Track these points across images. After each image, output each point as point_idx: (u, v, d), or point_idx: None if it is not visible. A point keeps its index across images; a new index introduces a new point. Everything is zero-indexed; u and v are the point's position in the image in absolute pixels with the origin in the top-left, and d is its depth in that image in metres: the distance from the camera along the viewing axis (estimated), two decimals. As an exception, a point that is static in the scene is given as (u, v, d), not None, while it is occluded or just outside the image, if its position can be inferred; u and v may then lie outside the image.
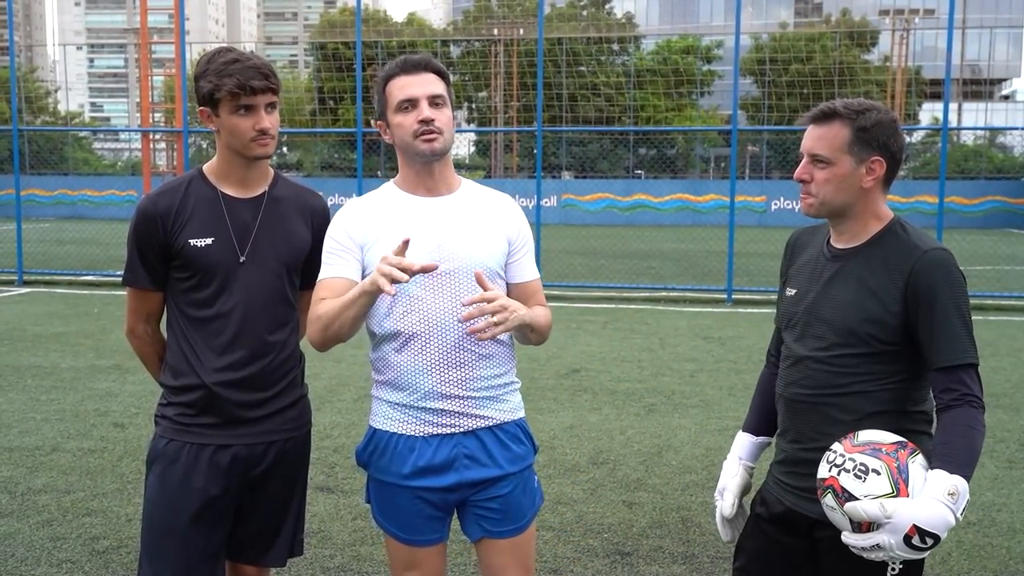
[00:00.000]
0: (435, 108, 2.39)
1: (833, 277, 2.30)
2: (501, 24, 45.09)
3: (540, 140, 13.93)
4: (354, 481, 5.07)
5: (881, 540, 1.96)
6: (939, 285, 2.17)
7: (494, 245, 2.46)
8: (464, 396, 2.41)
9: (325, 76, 44.90)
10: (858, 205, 2.27)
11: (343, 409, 6.66)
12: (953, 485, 1.98)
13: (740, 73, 15.28)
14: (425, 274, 2.26)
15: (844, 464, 2.07)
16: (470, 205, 2.48)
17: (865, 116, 2.22)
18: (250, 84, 2.41)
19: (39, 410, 6.53)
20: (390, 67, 2.45)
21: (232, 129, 2.46)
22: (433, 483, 2.42)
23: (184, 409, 2.55)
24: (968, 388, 2.13)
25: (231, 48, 2.52)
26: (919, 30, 45.88)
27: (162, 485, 2.54)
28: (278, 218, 2.60)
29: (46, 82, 59.64)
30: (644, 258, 19.23)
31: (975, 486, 5.05)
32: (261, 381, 2.56)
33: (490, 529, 2.49)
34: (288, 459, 2.66)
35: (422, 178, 2.45)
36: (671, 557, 4.15)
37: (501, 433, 2.47)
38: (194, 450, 2.53)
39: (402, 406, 2.43)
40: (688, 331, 10.38)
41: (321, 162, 44.30)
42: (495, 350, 2.46)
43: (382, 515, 2.50)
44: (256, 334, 2.54)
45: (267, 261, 2.56)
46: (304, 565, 3.98)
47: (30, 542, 4.19)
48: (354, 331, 2.36)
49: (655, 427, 6.28)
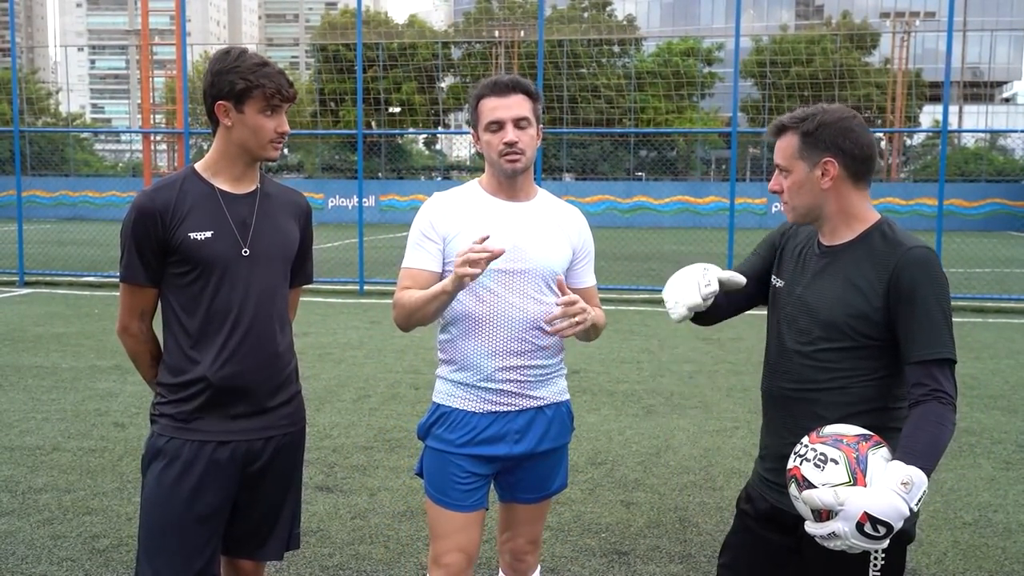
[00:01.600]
0: (520, 130, 2.65)
1: (821, 272, 2.36)
2: (502, 26, 45.13)
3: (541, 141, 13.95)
4: (353, 481, 5.09)
5: (836, 528, 2.01)
6: (920, 281, 2.20)
7: (561, 251, 2.76)
8: (521, 380, 2.71)
9: (326, 78, 44.94)
10: (828, 206, 2.33)
11: (342, 409, 6.68)
12: (908, 475, 2.01)
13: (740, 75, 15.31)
14: (499, 270, 2.60)
15: (806, 454, 2.13)
16: (544, 213, 2.77)
17: (808, 121, 2.30)
18: (286, 91, 2.53)
19: (40, 410, 6.56)
20: (482, 87, 2.70)
21: (256, 128, 2.52)
22: (483, 452, 2.70)
23: (184, 406, 2.56)
24: (940, 384, 2.17)
25: (250, 50, 2.60)
26: (920, 32, 45.89)
27: (161, 482, 2.55)
28: (272, 214, 2.64)
29: (47, 83, 59.71)
30: (644, 260, 19.25)
31: (971, 486, 5.10)
32: (262, 376, 2.59)
33: (520, 496, 2.83)
34: (285, 455, 2.69)
35: (505, 187, 2.73)
36: (668, 557, 4.17)
37: (549, 411, 2.78)
38: (194, 447, 2.55)
39: (464, 385, 2.71)
40: (687, 333, 10.39)
41: (322, 163, 44.30)
42: (551, 342, 2.75)
43: (431, 484, 2.74)
44: (258, 328, 2.57)
45: (268, 255, 2.60)
46: (303, 563, 4.00)
47: (31, 540, 4.21)
48: (434, 320, 2.65)
49: (654, 428, 6.30)
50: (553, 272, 2.71)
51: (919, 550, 4.24)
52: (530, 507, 2.85)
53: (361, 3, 14.44)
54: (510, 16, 46.74)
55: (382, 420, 6.40)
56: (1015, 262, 19.87)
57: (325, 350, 8.84)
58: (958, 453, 5.73)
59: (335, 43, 44.72)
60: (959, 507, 4.81)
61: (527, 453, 2.74)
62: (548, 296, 2.71)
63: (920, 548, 4.27)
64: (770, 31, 50.75)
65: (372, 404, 6.83)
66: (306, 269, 2.82)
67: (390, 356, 8.58)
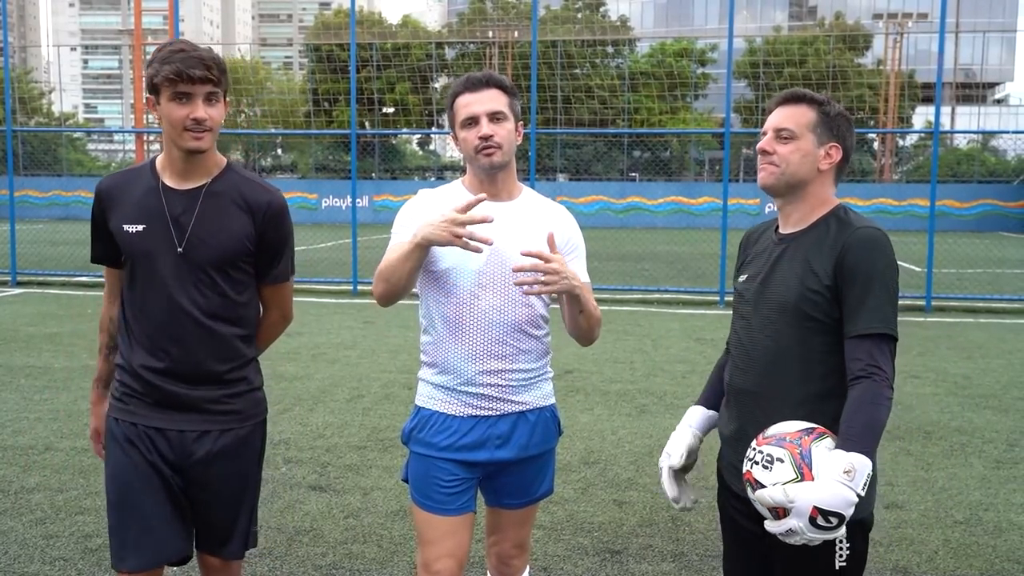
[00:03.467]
0: (495, 123, 2.61)
1: (780, 258, 2.41)
2: (496, 26, 45.14)
3: (534, 142, 13.99)
4: (346, 480, 5.10)
5: (792, 524, 2.07)
6: (865, 258, 2.26)
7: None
8: (503, 384, 2.66)
9: (320, 78, 44.90)
10: (811, 186, 2.40)
11: (336, 410, 6.68)
12: (849, 463, 2.06)
13: (734, 76, 15.34)
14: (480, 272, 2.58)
15: (755, 457, 2.19)
16: (526, 214, 2.70)
17: (830, 105, 2.41)
18: (188, 72, 2.40)
19: (32, 410, 6.55)
20: (456, 85, 2.67)
21: (168, 116, 2.46)
22: (465, 457, 2.66)
23: (124, 389, 2.63)
24: (874, 360, 2.19)
25: (183, 40, 2.54)
26: (912, 34, 46.01)
27: (111, 460, 2.64)
28: (216, 212, 2.55)
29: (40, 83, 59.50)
30: (637, 260, 19.28)
31: (962, 485, 5.12)
32: (190, 372, 2.57)
33: (505, 501, 2.80)
34: (230, 452, 2.66)
35: (486, 185, 2.67)
36: (660, 555, 4.18)
37: (532, 416, 2.73)
38: (132, 428, 2.60)
39: (445, 388, 2.67)
40: (680, 333, 10.42)
41: (315, 164, 44.26)
42: (533, 346, 2.70)
43: (416, 490, 2.71)
44: (189, 326, 2.55)
45: (203, 254, 2.54)
46: (296, 563, 4.01)
47: (23, 540, 4.20)
48: (411, 283, 2.58)
49: (647, 427, 6.32)
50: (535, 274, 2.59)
51: (910, 548, 4.27)
52: (516, 512, 2.82)
53: (355, 3, 14.43)
54: (504, 17, 46.79)
55: (375, 420, 6.40)
56: (1007, 262, 19.94)
57: (319, 350, 8.85)
58: (949, 452, 5.76)
59: (329, 43, 44.69)
60: (950, 506, 4.84)
61: (510, 459, 2.69)
62: (532, 299, 2.65)
63: (912, 547, 4.29)
64: (763, 32, 50.89)
65: (366, 404, 6.83)
66: (276, 269, 2.69)
67: (384, 356, 8.58)
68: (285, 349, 8.88)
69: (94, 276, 15.04)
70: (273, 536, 4.30)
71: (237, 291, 2.62)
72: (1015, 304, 13.15)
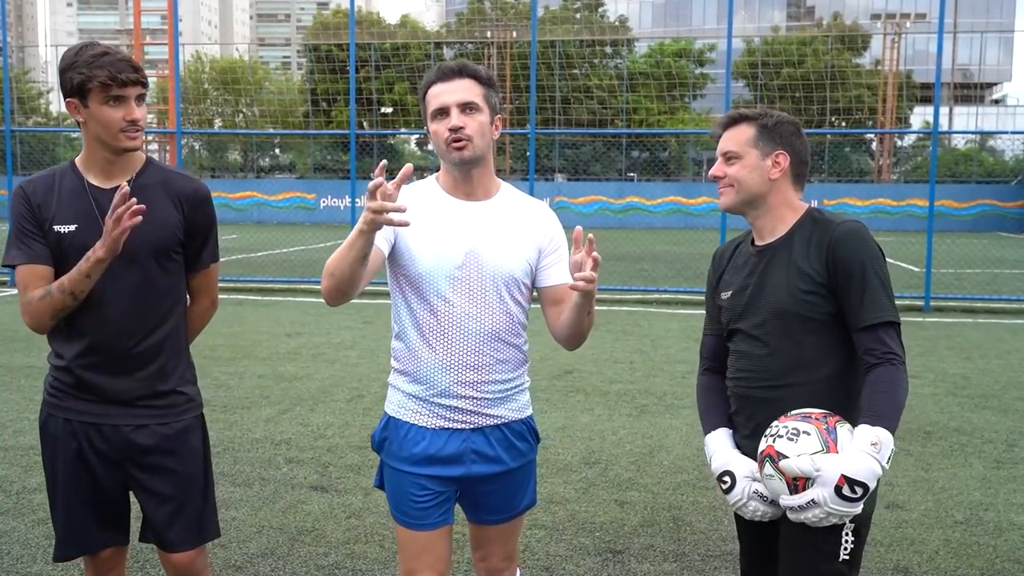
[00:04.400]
0: (466, 115, 2.44)
1: (765, 269, 2.46)
2: (494, 26, 45.15)
3: (533, 142, 13.99)
4: (347, 480, 5.10)
5: (815, 495, 2.11)
6: (854, 251, 2.32)
7: (522, 254, 2.54)
8: (477, 397, 2.51)
9: (318, 78, 44.90)
10: (770, 197, 2.46)
11: (336, 410, 6.69)
12: (876, 436, 2.13)
13: (732, 76, 15.35)
14: (453, 277, 2.45)
15: (778, 432, 2.23)
16: (504, 213, 2.54)
17: (767, 116, 2.47)
18: (121, 76, 2.46)
19: (33, 410, 6.54)
20: (428, 75, 2.51)
21: (102, 120, 2.50)
22: (440, 472, 2.53)
23: (57, 383, 2.65)
24: (888, 347, 2.27)
25: (97, 43, 2.57)
26: (910, 34, 46.07)
27: (45, 457, 2.70)
28: (144, 205, 2.56)
29: (38, 83, 59.45)
30: (636, 260, 19.31)
31: (962, 485, 5.13)
32: (125, 367, 2.60)
33: (484, 517, 2.66)
34: (167, 445, 2.67)
35: (460, 183, 2.52)
36: (662, 555, 4.19)
37: (508, 431, 2.58)
38: (64, 424, 2.64)
39: (417, 398, 2.53)
40: (680, 333, 10.43)
41: (314, 164, 44.26)
42: (511, 355, 2.56)
43: (391, 503, 2.60)
44: (123, 322, 2.58)
45: (134, 250, 2.56)
46: (298, 563, 4.02)
47: (26, 540, 4.21)
48: (356, 277, 2.33)
49: (647, 427, 6.33)
50: (513, 278, 2.51)
51: (911, 548, 4.28)
52: (499, 527, 2.67)
53: (354, 3, 14.43)
54: (502, 17, 46.78)
55: (376, 420, 6.36)
56: (1005, 263, 19.96)
57: (318, 350, 8.85)
58: (949, 452, 5.77)
59: (327, 43, 44.68)
60: (950, 506, 4.85)
61: (487, 474, 2.55)
62: (509, 304, 2.51)
63: (912, 546, 4.30)
64: (762, 32, 50.91)
65: (366, 404, 6.83)
66: (206, 254, 2.75)
67: (383, 356, 8.55)
68: (285, 350, 8.89)
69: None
70: (275, 536, 4.30)
71: (169, 283, 2.67)
72: (1014, 304, 13.17)
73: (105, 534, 2.74)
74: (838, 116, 41.39)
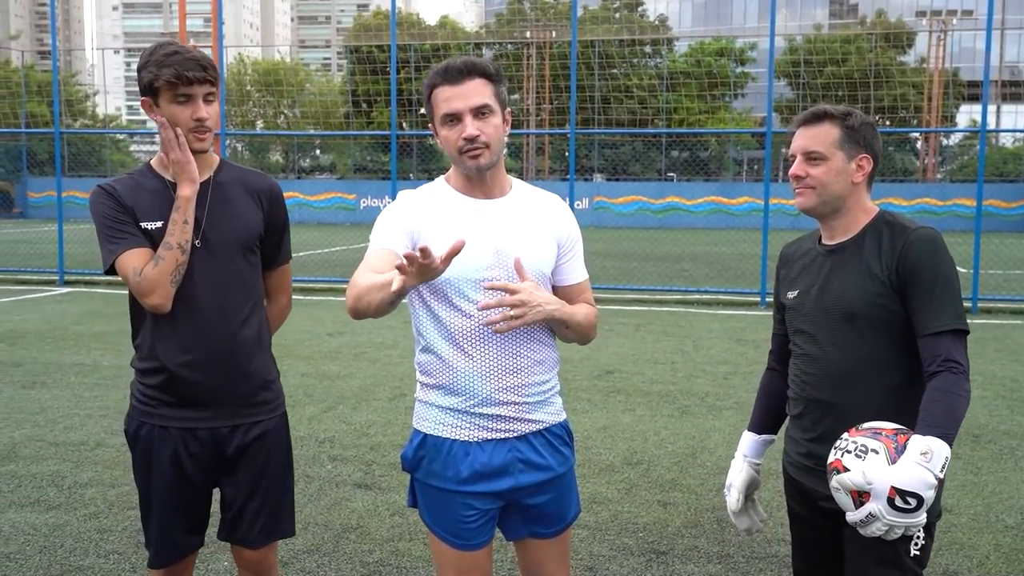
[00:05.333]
0: (480, 120, 2.32)
1: (832, 270, 2.43)
2: (534, 27, 45.16)
3: (573, 142, 13.95)
4: (391, 478, 5.13)
5: (872, 508, 2.08)
6: (926, 257, 2.29)
7: (546, 250, 2.45)
8: (519, 402, 2.41)
9: (359, 79, 45.22)
10: (850, 200, 2.43)
11: (379, 408, 6.73)
12: (926, 446, 2.10)
13: (774, 75, 15.21)
14: (482, 280, 2.32)
15: (847, 447, 2.20)
16: (523, 208, 2.46)
17: (853, 117, 2.41)
18: (187, 74, 2.47)
19: (83, 406, 6.67)
20: (433, 75, 2.36)
21: (171, 118, 2.52)
22: (489, 488, 2.41)
23: (150, 391, 2.63)
24: (950, 355, 2.23)
25: (172, 42, 2.59)
26: (957, 31, 45.31)
27: (137, 466, 2.70)
28: (226, 202, 2.63)
29: (85, 86, 60.53)
30: (677, 260, 19.19)
31: (1013, 490, 5.04)
32: (222, 365, 2.60)
33: (537, 530, 2.51)
34: (261, 443, 2.70)
35: (476, 184, 2.43)
36: (707, 557, 4.16)
37: (550, 435, 2.49)
38: (160, 432, 2.63)
39: (456, 411, 2.40)
40: (721, 333, 10.36)
41: (354, 164, 44.57)
42: (546, 355, 2.47)
43: (433, 520, 2.47)
44: (216, 318, 2.59)
45: (221, 245, 2.59)
46: (343, 560, 4.05)
47: (78, 534, 4.29)
48: (382, 314, 2.26)
49: (689, 428, 6.29)
50: (542, 273, 2.42)
51: (960, 553, 4.21)
52: (553, 541, 2.53)
53: (395, 4, 14.51)
54: (542, 17, 46.77)
55: (418, 419, 6.43)
56: (1055, 264, 19.55)
57: (360, 349, 8.91)
58: (999, 456, 5.67)
59: (368, 44, 44.97)
60: (1001, 510, 4.77)
61: (536, 482, 2.45)
62: None
63: (961, 551, 4.23)
64: (804, 30, 50.38)
65: (408, 403, 6.87)
66: (283, 250, 2.81)
67: (425, 355, 8.60)
68: (327, 348, 8.96)
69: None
70: (320, 533, 4.35)
71: (254, 278, 2.70)
72: (1064, 306, 12.90)
73: (194, 538, 2.76)
74: (882, 115, 40.82)
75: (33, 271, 15.90)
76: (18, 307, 12.05)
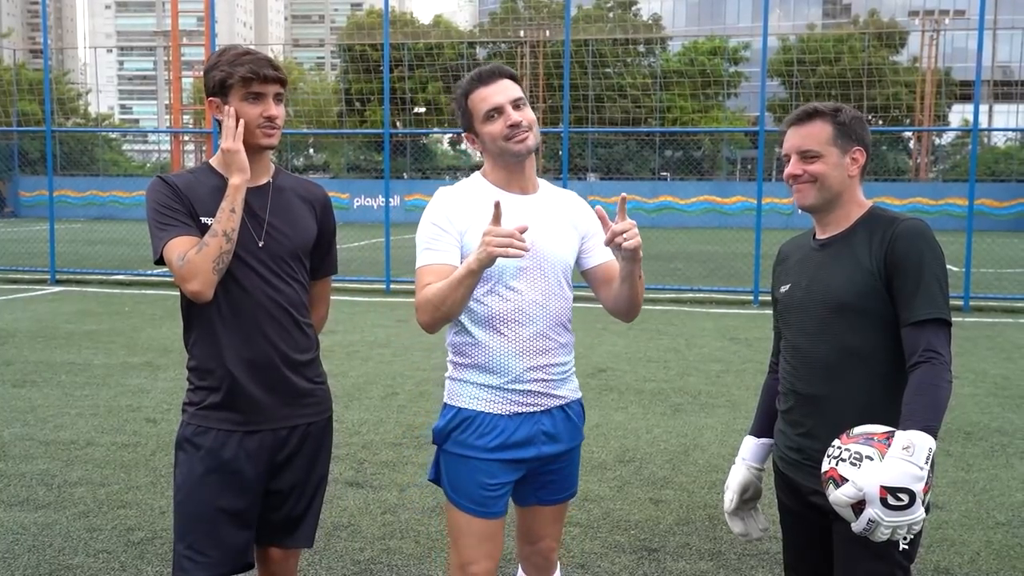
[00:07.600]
0: (519, 110, 2.58)
1: (823, 263, 2.45)
2: (527, 26, 45.15)
3: (567, 141, 13.93)
4: (383, 477, 5.13)
5: (870, 514, 2.08)
6: (913, 248, 2.30)
7: (572, 242, 2.72)
8: (547, 379, 2.64)
9: (352, 78, 45.16)
10: (845, 194, 2.45)
11: (370, 407, 6.72)
12: (908, 440, 2.09)
13: (767, 74, 15.23)
14: (519, 268, 2.57)
15: (841, 455, 2.19)
16: (551, 204, 2.70)
17: (843, 112, 2.44)
18: (262, 72, 2.52)
19: (73, 405, 6.65)
20: (467, 82, 2.63)
21: (242, 116, 2.54)
22: (513, 456, 2.62)
23: (209, 396, 2.59)
24: (931, 345, 2.23)
25: (240, 44, 2.64)
26: (949, 31, 45.42)
27: (191, 472, 2.59)
28: (286, 206, 2.65)
29: (77, 84, 60.37)
30: (670, 259, 19.21)
31: (1004, 487, 5.05)
32: (281, 366, 2.60)
33: (544, 497, 2.76)
34: (311, 443, 2.71)
35: (515, 177, 2.65)
36: (698, 554, 4.16)
37: (570, 411, 2.72)
38: (221, 436, 2.58)
39: (491, 387, 2.62)
40: (714, 332, 10.37)
41: (347, 163, 44.51)
42: (568, 339, 2.71)
43: (455, 491, 2.67)
44: (274, 320, 2.59)
45: (283, 247, 2.61)
46: (334, 558, 4.04)
47: (67, 533, 4.27)
48: (462, 310, 2.53)
49: (681, 426, 6.29)
50: (568, 265, 2.70)
51: (951, 549, 4.22)
52: (556, 507, 2.80)
53: (388, 3, 14.49)
54: (535, 16, 46.75)
55: (410, 417, 6.43)
56: (1046, 262, 19.61)
57: (352, 348, 8.89)
58: (990, 453, 5.68)
59: (361, 43, 44.93)
60: (992, 507, 4.77)
61: (555, 453, 2.69)
62: (566, 291, 2.68)
63: (953, 548, 4.24)
64: (797, 30, 50.42)
65: (400, 401, 6.86)
66: (329, 260, 2.83)
67: (417, 354, 8.62)
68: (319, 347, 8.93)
69: (131, 274, 15.26)
70: (311, 531, 4.33)
71: (306, 283, 2.72)
72: (1055, 304, 12.94)
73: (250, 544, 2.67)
74: (875, 114, 40.91)
75: (24, 270, 15.84)
76: (9, 306, 12.01)
